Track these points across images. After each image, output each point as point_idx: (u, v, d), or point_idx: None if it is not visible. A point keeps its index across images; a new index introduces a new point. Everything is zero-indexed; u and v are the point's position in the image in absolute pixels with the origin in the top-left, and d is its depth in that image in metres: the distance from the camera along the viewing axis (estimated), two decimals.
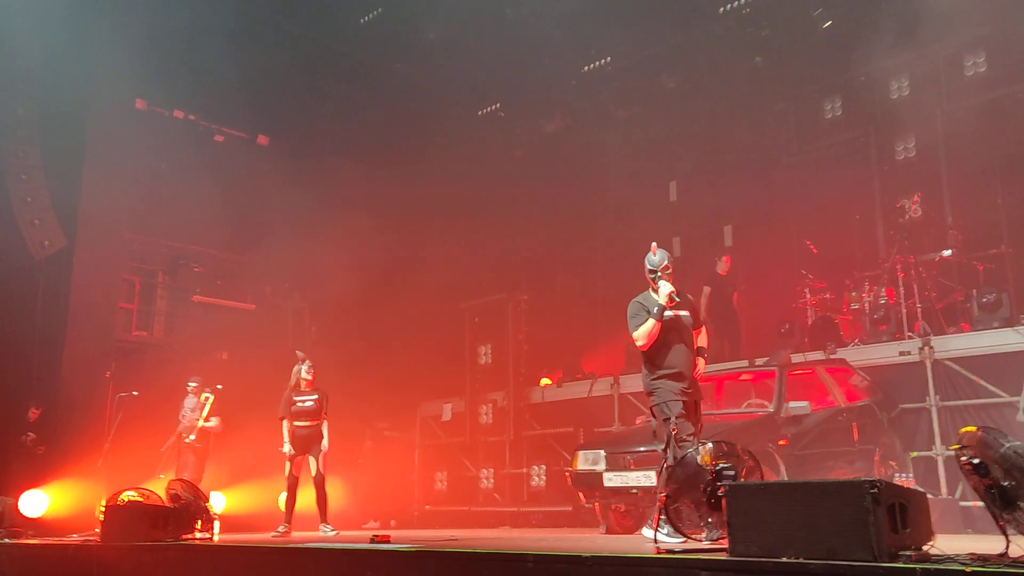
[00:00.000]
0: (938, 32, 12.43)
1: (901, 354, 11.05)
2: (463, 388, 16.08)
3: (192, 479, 10.81)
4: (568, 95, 17.04)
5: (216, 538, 9.00)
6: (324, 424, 11.14)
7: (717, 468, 5.90)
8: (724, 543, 4.92)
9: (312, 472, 11.03)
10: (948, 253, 12.25)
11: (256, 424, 12.85)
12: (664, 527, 6.32)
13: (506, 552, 5.67)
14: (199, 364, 13.69)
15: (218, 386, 12.10)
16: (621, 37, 15.40)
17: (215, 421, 12.08)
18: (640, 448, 9.38)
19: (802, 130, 15.19)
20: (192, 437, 11.90)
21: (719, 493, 5.57)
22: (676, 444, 7.08)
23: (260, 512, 13.36)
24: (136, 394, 11.93)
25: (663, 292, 7.32)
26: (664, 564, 4.83)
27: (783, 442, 9.20)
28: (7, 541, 10.14)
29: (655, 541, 6.25)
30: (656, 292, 7.45)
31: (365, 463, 15.62)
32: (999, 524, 4.49)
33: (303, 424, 11.05)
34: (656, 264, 7.45)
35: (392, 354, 16.16)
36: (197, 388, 12.18)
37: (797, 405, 9.39)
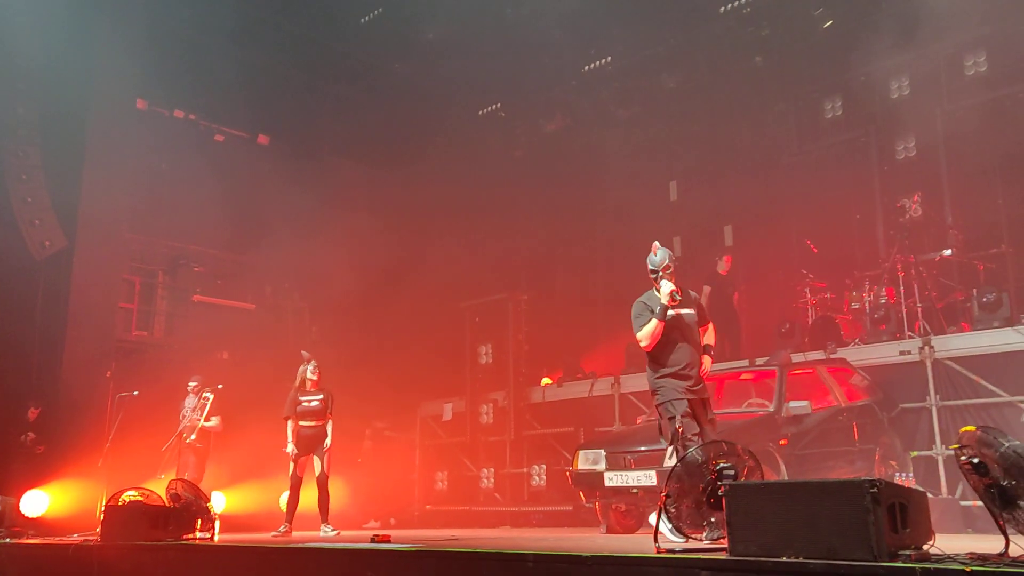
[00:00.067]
0: (938, 32, 12.46)
1: (901, 354, 11.06)
2: (464, 388, 16.09)
3: (193, 479, 10.81)
4: (568, 95, 17.04)
5: (216, 538, 9.01)
6: (329, 423, 11.16)
7: (717, 468, 5.90)
8: (724, 543, 4.91)
9: (316, 472, 11.03)
10: (948, 253, 12.26)
11: (257, 424, 12.85)
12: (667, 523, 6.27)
13: (506, 552, 5.67)
14: (199, 364, 13.68)
15: (219, 386, 12.07)
16: (621, 37, 15.41)
17: (215, 421, 12.06)
18: (641, 448, 9.38)
19: (802, 130, 15.20)
20: (193, 437, 11.89)
21: (719, 493, 5.57)
22: (680, 443, 7.08)
23: (261, 512, 13.36)
24: (136, 394, 11.90)
25: (664, 291, 7.31)
26: (664, 564, 4.83)
27: (783, 442, 9.18)
28: (8, 541, 10.14)
29: (656, 535, 6.22)
30: (659, 292, 7.46)
31: (365, 462, 15.61)
32: (999, 523, 4.49)
33: (308, 424, 11.03)
34: (657, 264, 7.45)
35: (392, 354, 16.14)
36: (197, 388, 12.15)
37: (797, 405, 9.38)
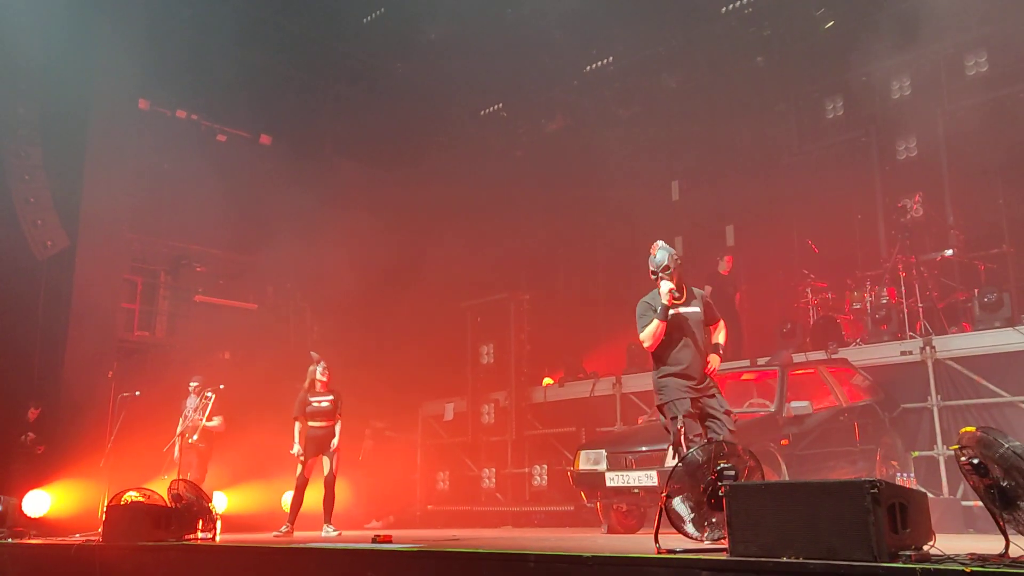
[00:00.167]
0: (939, 32, 12.48)
1: (903, 354, 11.06)
2: (465, 388, 16.08)
3: (195, 479, 10.81)
4: (570, 95, 17.05)
5: (218, 538, 9.02)
6: (337, 424, 11.13)
7: (718, 468, 5.91)
8: (725, 543, 4.92)
9: (324, 471, 11.03)
10: (949, 253, 12.27)
11: (258, 424, 12.86)
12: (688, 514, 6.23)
13: (508, 552, 5.67)
14: (201, 364, 13.68)
15: (220, 386, 12.06)
16: (623, 37, 15.42)
17: (217, 421, 12.03)
18: (642, 448, 9.39)
19: (804, 130, 15.20)
20: (195, 437, 11.88)
21: (720, 493, 5.57)
22: (682, 443, 7.08)
23: (262, 512, 13.37)
24: (138, 394, 11.91)
25: (663, 291, 7.29)
26: (665, 564, 4.83)
27: (785, 442, 9.19)
28: (10, 541, 10.15)
29: (657, 535, 6.20)
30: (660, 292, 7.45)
31: (366, 462, 15.61)
32: (999, 524, 4.50)
33: (318, 424, 10.99)
34: (657, 265, 7.41)
35: (394, 353, 16.15)
36: (199, 388, 12.15)
37: (799, 405, 9.38)
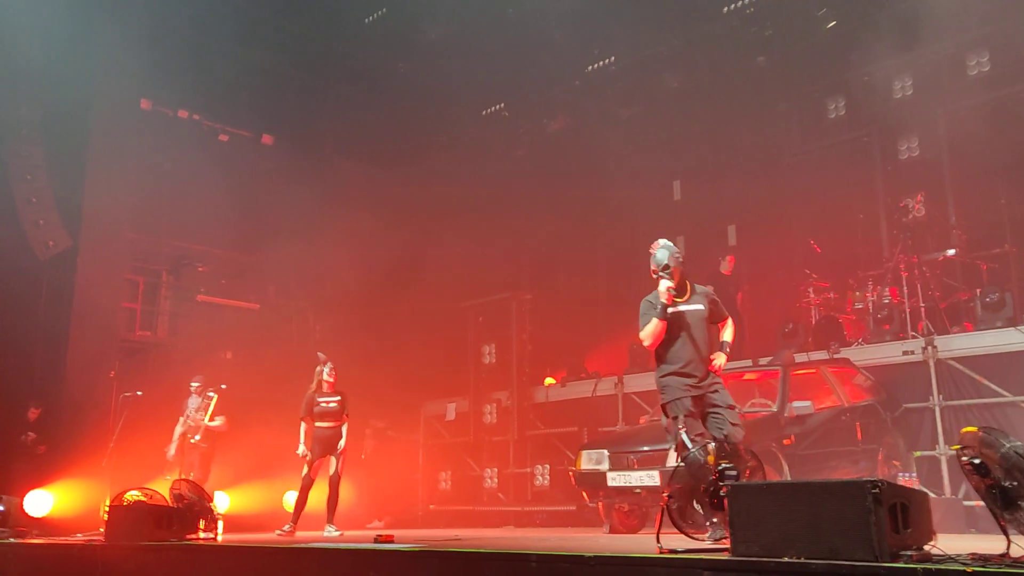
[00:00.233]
0: (941, 32, 12.46)
1: (905, 354, 11.05)
2: (467, 387, 16.09)
3: (198, 479, 10.80)
4: (572, 95, 17.04)
5: (220, 538, 9.02)
6: (344, 425, 11.14)
7: (720, 468, 5.91)
8: (727, 543, 4.92)
9: (330, 471, 11.03)
10: (951, 252, 12.26)
11: (260, 424, 12.86)
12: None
13: (509, 552, 5.67)
14: (203, 364, 13.69)
15: (222, 385, 12.07)
16: (624, 37, 15.41)
17: (220, 421, 12.05)
18: (644, 447, 9.39)
19: (805, 130, 15.19)
20: (197, 437, 11.88)
21: (722, 493, 5.57)
22: (683, 442, 7.07)
23: (265, 512, 13.37)
24: (140, 394, 11.92)
25: (661, 290, 7.24)
26: (667, 564, 4.83)
27: (787, 441, 9.19)
28: (12, 541, 10.15)
29: (659, 534, 6.20)
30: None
31: (368, 462, 15.61)
32: (1000, 524, 4.49)
33: (325, 425, 11.01)
34: (657, 263, 7.37)
35: (396, 353, 16.14)
36: (200, 388, 12.15)
37: (801, 405, 9.38)
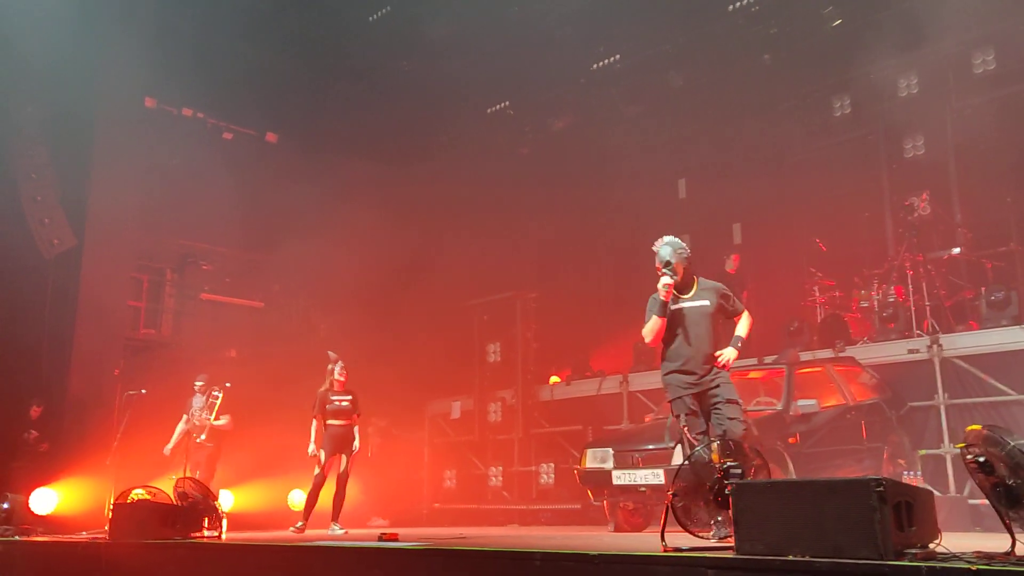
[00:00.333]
0: (947, 30, 12.41)
1: (910, 352, 11.04)
2: (472, 386, 16.10)
3: (204, 478, 10.81)
4: (577, 93, 17.00)
5: (224, 536, 9.02)
6: (356, 425, 11.18)
7: (724, 466, 5.90)
8: (731, 541, 4.91)
9: (339, 469, 11.05)
10: (957, 251, 12.25)
11: (265, 422, 12.87)
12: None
13: (514, 550, 5.67)
14: (207, 362, 13.71)
15: (226, 384, 12.09)
16: (630, 35, 15.37)
17: (225, 420, 12.05)
18: (649, 446, 9.39)
19: (811, 128, 15.12)
20: (203, 437, 11.89)
21: (726, 491, 5.56)
22: (686, 441, 7.07)
23: (269, 510, 13.39)
24: (145, 392, 11.93)
25: (659, 287, 7.16)
26: (672, 562, 4.81)
27: (792, 440, 9.18)
28: (17, 538, 10.17)
29: (664, 533, 6.17)
30: None
31: (372, 460, 15.63)
32: (1005, 522, 4.48)
33: (338, 423, 11.04)
34: (660, 260, 7.28)
35: (401, 352, 16.13)
36: (204, 387, 12.16)
37: (806, 403, 9.36)
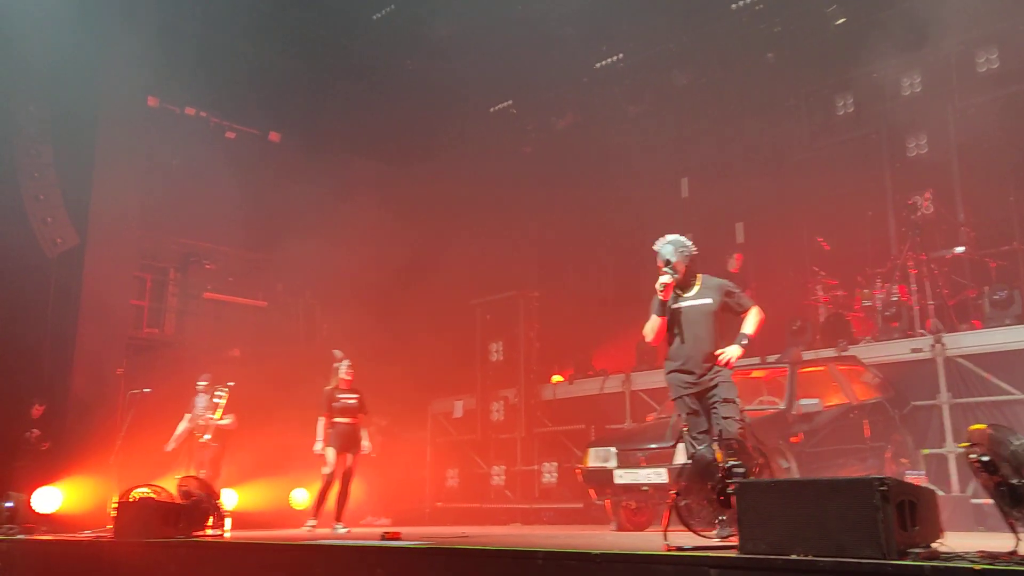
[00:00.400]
0: (950, 29, 12.39)
1: (913, 351, 11.02)
2: (474, 385, 16.09)
3: (209, 478, 10.82)
4: (580, 92, 17.02)
5: (227, 535, 9.03)
6: (362, 423, 11.22)
7: (727, 465, 5.90)
8: (734, 540, 4.91)
9: (345, 467, 11.08)
10: (960, 250, 12.21)
11: (268, 421, 12.88)
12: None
13: (517, 549, 5.66)
14: (210, 361, 13.70)
15: (229, 383, 12.09)
16: (633, 33, 15.40)
17: (229, 419, 12.05)
18: (651, 445, 9.39)
19: (814, 126, 15.09)
20: (208, 436, 11.88)
21: (729, 490, 5.56)
22: (687, 441, 7.06)
23: (272, 509, 13.41)
24: (148, 391, 11.94)
25: (656, 285, 7.09)
26: (674, 561, 4.81)
27: (795, 439, 9.17)
28: (20, 537, 10.18)
29: (666, 532, 6.16)
30: None
31: (375, 458, 15.62)
32: (1008, 522, 4.47)
33: (344, 421, 11.08)
34: (660, 259, 7.28)
35: (404, 351, 16.13)
36: (208, 386, 12.16)
37: (808, 402, 9.36)
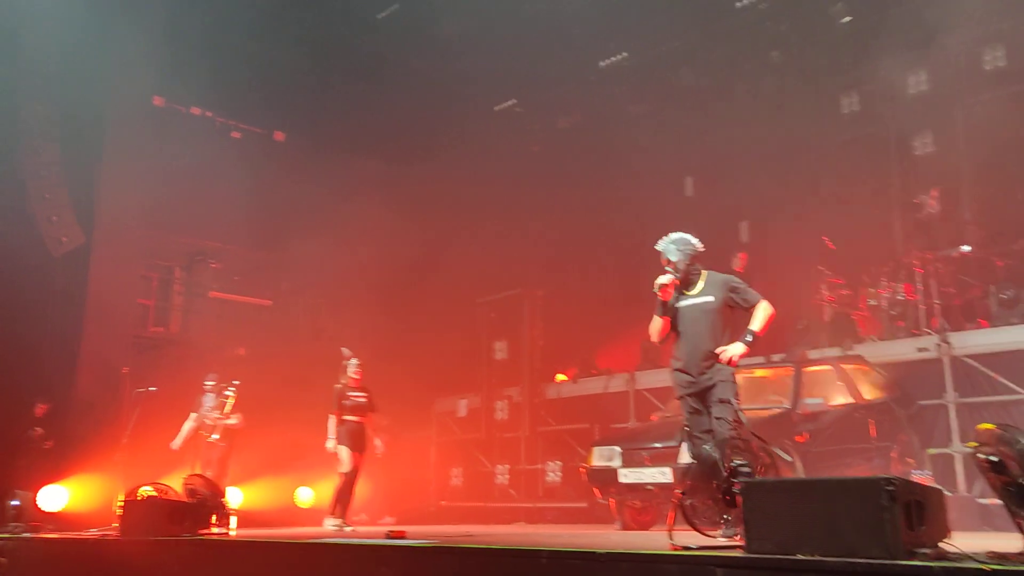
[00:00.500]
0: (957, 27, 12.37)
1: (919, 350, 10.99)
2: (479, 384, 16.10)
3: (216, 477, 10.83)
4: (584, 90, 16.99)
5: (233, 533, 9.04)
6: (370, 424, 11.24)
7: (733, 465, 5.88)
8: (739, 540, 4.89)
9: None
10: (967, 249, 12.16)
11: (273, 420, 12.88)
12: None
13: (521, 548, 5.66)
14: (216, 360, 13.72)
15: (235, 382, 12.10)
16: (638, 32, 15.36)
17: (237, 418, 12.06)
18: (656, 444, 9.38)
19: (820, 125, 15.05)
20: (216, 436, 11.88)
21: (734, 490, 5.54)
22: (689, 440, 7.06)
23: (277, 508, 13.42)
24: (154, 389, 11.94)
25: (654, 288, 7.06)
26: (680, 561, 4.79)
27: (800, 438, 9.16)
28: (27, 535, 10.19)
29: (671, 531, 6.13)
30: None
31: (379, 457, 15.62)
32: (1016, 522, 4.45)
33: (354, 419, 11.09)
34: (662, 259, 7.31)
35: (408, 349, 16.12)
36: (215, 385, 12.16)
37: (814, 401, 9.35)
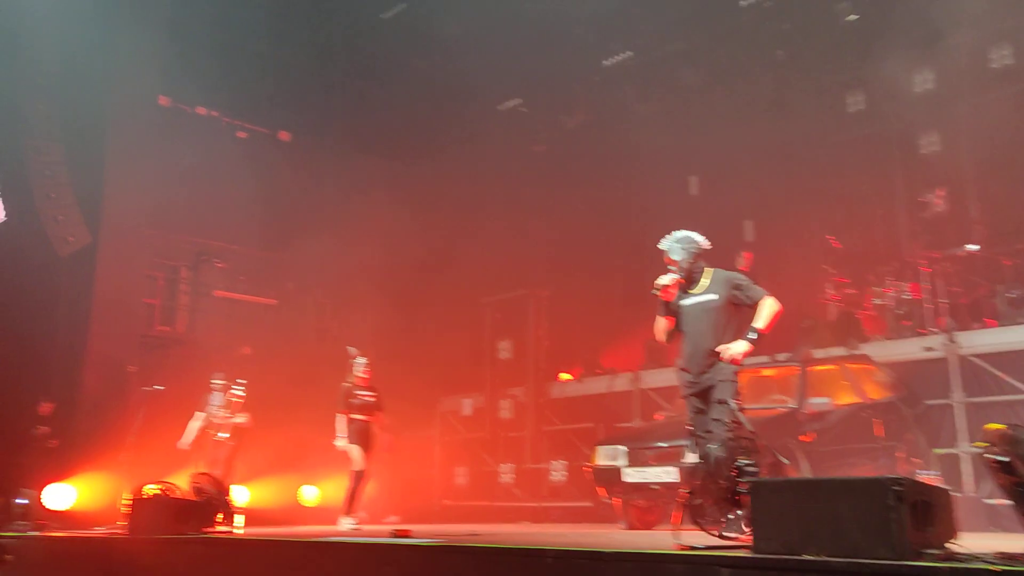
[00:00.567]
0: (962, 25, 12.32)
1: (925, 350, 10.96)
2: (483, 383, 16.09)
3: (223, 475, 10.84)
4: (589, 90, 16.98)
5: (239, 531, 9.05)
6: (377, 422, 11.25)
7: (739, 464, 5.87)
8: (744, 539, 4.88)
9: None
10: (973, 247, 12.13)
11: (279, 419, 12.89)
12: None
13: (526, 547, 5.64)
14: (222, 359, 13.73)
15: (240, 381, 12.11)
16: (642, 31, 15.35)
17: (244, 417, 12.07)
18: (661, 443, 9.37)
19: (824, 124, 15.00)
20: (224, 435, 11.89)
21: (741, 490, 5.53)
22: (694, 440, 7.04)
23: (283, 506, 13.43)
24: (160, 388, 11.97)
25: (653, 290, 7.04)
26: (686, 561, 4.79)
27: (805, 438, 9.15)
28: (33, 534, 10.21)
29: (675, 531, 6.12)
30: None
31: (382, 456, 15.63)
32: None
33: (362, 418, 11.10)
34: (666, 258, 7.30)
35: (413, 348, 16.14)
36: (223, 384, 12.17)
37: (819, 401, 9.33)
